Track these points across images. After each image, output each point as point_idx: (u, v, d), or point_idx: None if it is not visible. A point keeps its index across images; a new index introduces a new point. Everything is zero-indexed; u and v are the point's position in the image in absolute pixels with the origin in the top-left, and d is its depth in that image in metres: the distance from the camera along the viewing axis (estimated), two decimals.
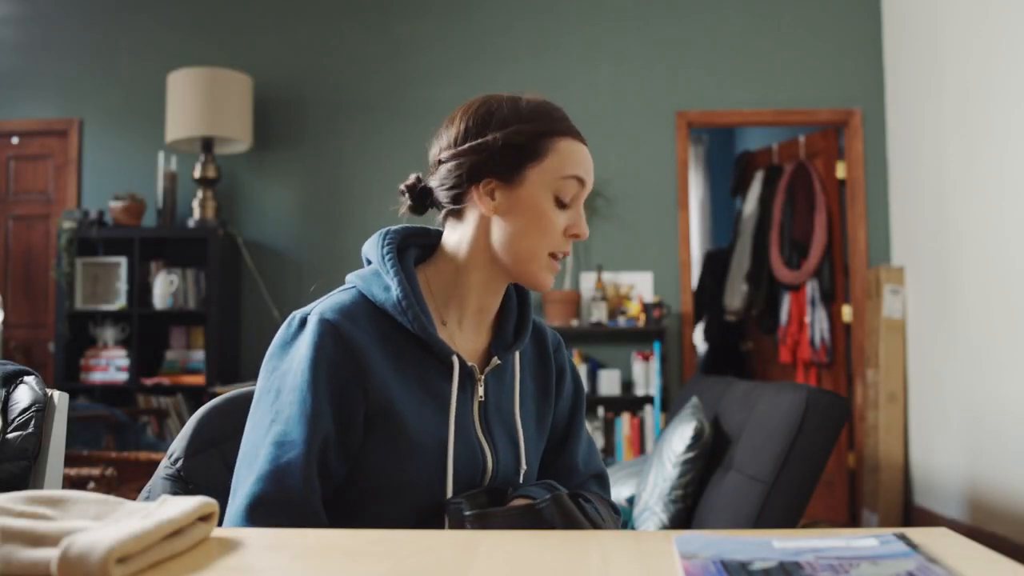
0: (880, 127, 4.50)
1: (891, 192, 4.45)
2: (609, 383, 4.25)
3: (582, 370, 4.26)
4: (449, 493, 1.05)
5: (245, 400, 1.22)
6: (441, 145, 1.12)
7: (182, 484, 1.16)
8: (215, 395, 1.25)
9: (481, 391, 1.12)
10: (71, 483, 2.94)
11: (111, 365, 4.25)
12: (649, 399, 4.22)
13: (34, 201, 4.67)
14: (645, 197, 4.49)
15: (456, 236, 1.13)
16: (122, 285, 4.30)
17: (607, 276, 4.44)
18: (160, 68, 4.46)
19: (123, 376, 4.23)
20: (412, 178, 1.17)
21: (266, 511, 0.96)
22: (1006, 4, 3.31)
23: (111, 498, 0.80)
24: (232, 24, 4.66)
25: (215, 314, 4.20)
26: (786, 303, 4.87)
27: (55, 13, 4.69)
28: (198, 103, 4.15)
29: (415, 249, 1.15)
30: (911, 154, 4.22)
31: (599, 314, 4.26)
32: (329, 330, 1.02)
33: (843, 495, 4.49)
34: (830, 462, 3.31)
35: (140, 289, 4.29)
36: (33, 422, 1.23)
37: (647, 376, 4.25)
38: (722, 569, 0.68)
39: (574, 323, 4.28)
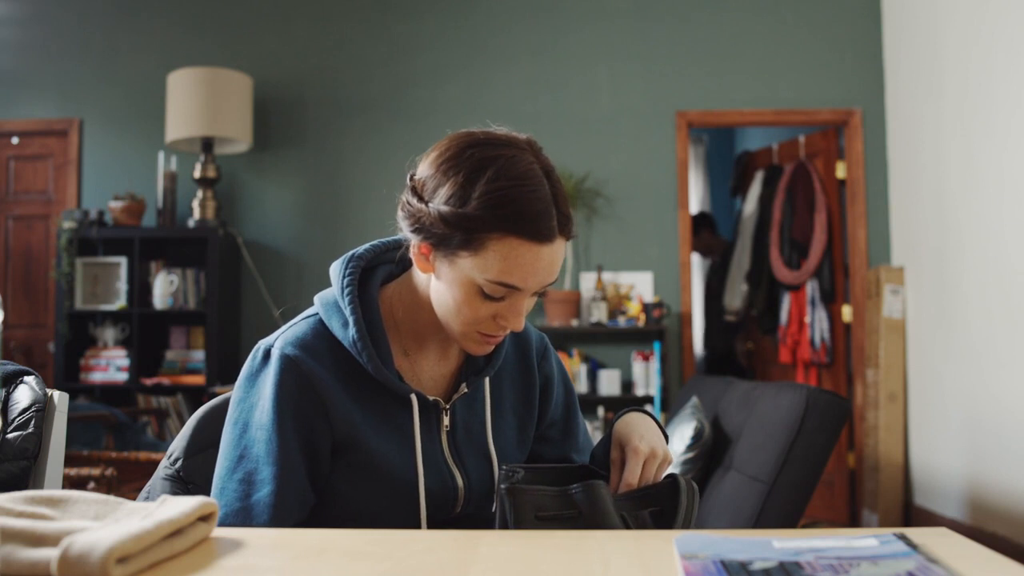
0: (880, 127, 4.50)
1: (891, 192, 4.46)
2: (609, 383, 4.25)
3: (582, 370, 4.26)
4: (423, 523, 1.05)
5: None
6: (412, 173, 1.04)
7: (182, 484, 1.16)
8: (215, 395, 1.25)
9: (447, 421, 1.10)
10: (71, 483, 2.94)
11: (111, 365, 4.25)
12: (649, 399, 4.22)
13: (34, 201, 4.67)
14: (645, 197, 4.49)
15: (414, 274, 1.10)
16: (122, 285, 4.30)
17: (607, 276, 4.44)
18: (160, 68, 4.46)
19: (123, 376, 4.23)
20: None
21: None
22: (1006, 4, 3.31)
23: (111, 498, 0.80)
24: (232, 24, 4.66)
25: (215, 314, 4.20)
26: (786, 303, 4.87)
27: (55, 13, 4.69)
28: (198, 103, 4.15)
29: (387, 267, 1.12)
30: (911, 154, 4.22)
31: (599, 314, 4.26)
32: (290, 367, 1.02)
33: (843, 495, 4.49)
34: (830, 462, 3.31)
35: (140, 289, 4.29)
36: (33, 422, 1.23)
37: (647, 376, 4.26)
38: (722, 569, 0.68)
39: (574, 323, 4.28)
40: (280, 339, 1.06)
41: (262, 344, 1.07)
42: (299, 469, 1.02)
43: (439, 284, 1.03)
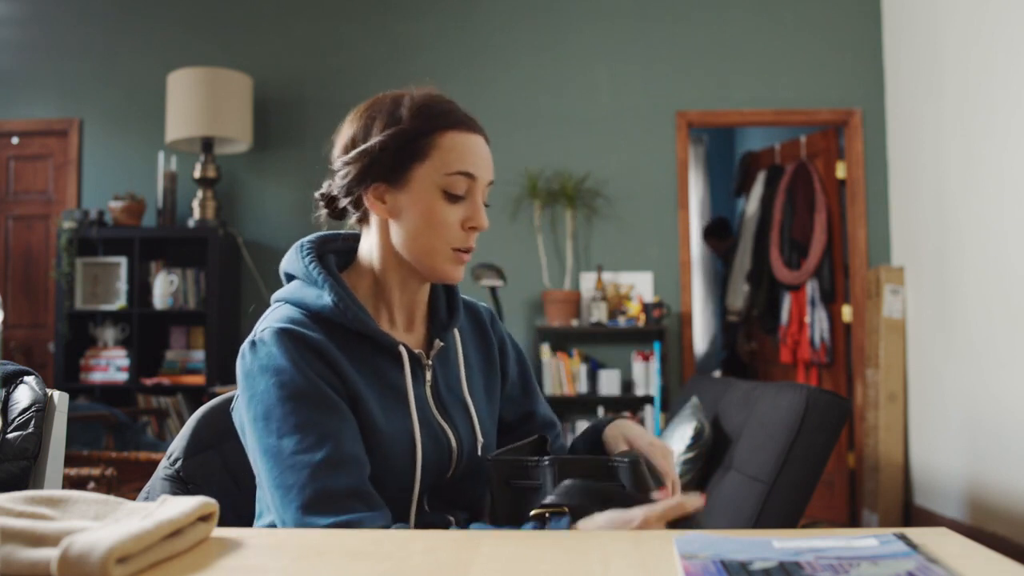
0: (880, 127, 4.50)
1: (891, 192, 4.46)
2: (609, 383, 4.25)
3: (582, 370, 4.27)
4: (417, 482, 1.06)
5: None
6: (335, 153, 1.13)
7: (181, 484, 1.16)
8: (215, 395, 1.25)
9: (429, 376, 1.13)
10: (71, 483, 2.94)
11: (111, 365, 4.25)
12: (649, 399, 4.22)
13: (34, 201, 4.67)
14: (645, 197, 4.49)
15: (368, 242, 1.13)
16: (122, 285, 4.30)
17: (607, 276, 4.44)
18: (160, 68, 4.46)
19: (123, 376, 4.23)
20: (325, 186, 1.17)
21: (322, 505, 0.96)
22: (1006, 4, 3.31)
23: (111, 498, 0.80)
24: (232, 24, 4.66)
25: (215, 314, 4.20)
26: (786, 303, 4.87)
27: (55, 13, 4.69)
28: (198, 103, 4.15)
29: (332, 255, 1.16)
30: (911, 154, 4.22)
31: (599, 314, 4.26)
32: (286, 335, 1.03)
33: (843, 495, 4.49)
34: (830, 462, 3.31)
35: (140, 289, 4.29)
36: (33, 422, 1.23)
37: (647, 376, 4.26)
38: (722, 569, 0.68)
39: (574, 323, 4.28)
40: (260, 329, 1.06)
41: (244, 344, 1.07)
42: (340, 424, 1.01)
43: (402, 219, 1.08)
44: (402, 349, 1.09)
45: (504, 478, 1.06)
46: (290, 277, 1.14)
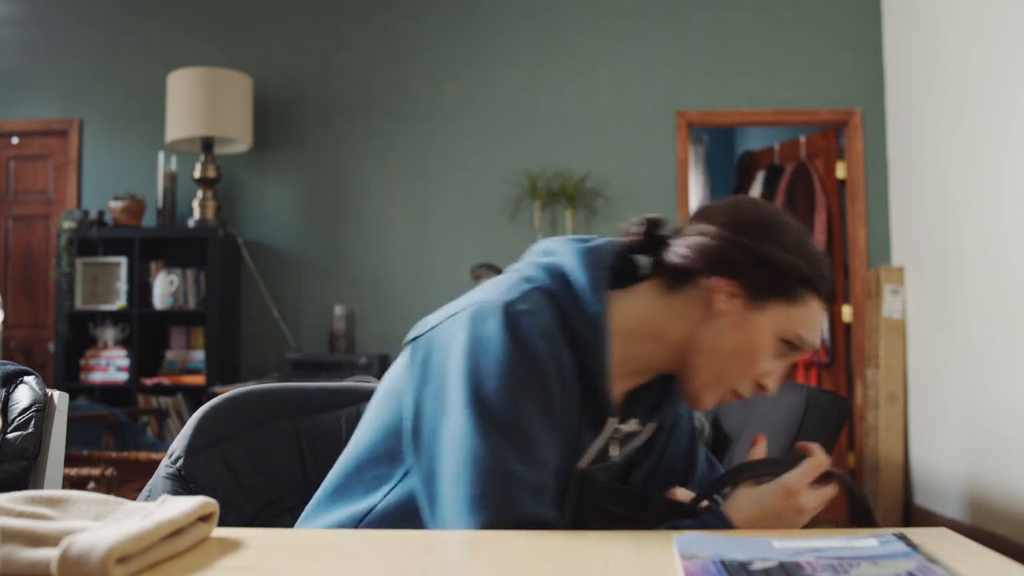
0: (880, 127, 4.50)
1: (891, 192, 4.45)
2: None
3: None
4: None
5: (246, 399, 1.23)
6: (710, 213, 1.00)
7: (183, 483, 1.16)
8: (215, 395, 1.25)
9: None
10: (71, 483, 2.94)
11: (111, 365, 4.25)
12: None
13: (34, 201, 4.67)
14: (645, 197, 4.48)
15: (657, 301, 1.01)
16: (122, 285, 4.30)
17: None
18: (160, 68, 4.46)
19: (123, 376, 4.23)
20: (655, 216, 1.05)
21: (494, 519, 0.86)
22: (1006, 4, 3.31)
23: (111, 498, 0.80)
24: (232, 24, 4.66)
25: (215, 314, 4.20)
26: None
27: (55, 13, 4.69)
28: (198, 103, 4.15)
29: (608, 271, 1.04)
30: (911, 154, 4.22)
31: None
32: (554, 335, 0.93)
33: (843, 495, 4.48)
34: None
35: (140, 289, 4.29)
36: (33, 422, 1.23)
37: None
38: (722, 569, 0.68)
39: None
40: (524, 306, 0.93)
41: (498, 302, 0.93)
42: (555, 453, 0.92)
43: (727, 328, 0.97)
44: (612, 422, 1.00)
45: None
46: (551, 266, 0.99)
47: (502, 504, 0.85)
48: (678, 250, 0.99)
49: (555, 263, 0.99)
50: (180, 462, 1.17)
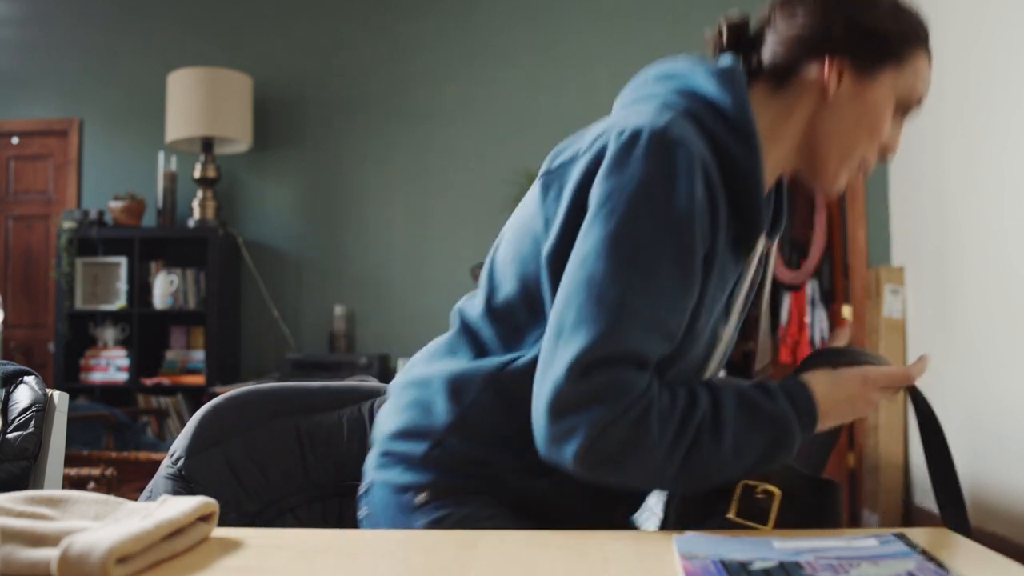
0: None
1: (891, 192, 4.45)
2: None
3: None
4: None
5: (247, 399, 1.23)
6: (792, 3, 0.99)
7: (184, 483, 1.16)
8: (215, 395, 1.25)
9: (750, 274, 1.01)
10: (71, 483, 2.94)
11: (111, 365, 4.25)
12: None
13: (34, 201, 4.67)
14: None
15: (771, 102, 0.99)
16: (122, 285, 4.30)
17: None
18: (160, 68, 4.46)
19: (123, 376, 4.23)
20: (737, 14, 1.05)
21: (596, 378, 0.81)
22: (1006, 4, 3.31)
23: (111, 498, 0.80)
24: (232, 24, 4.66)
25: (215, 314, 4.20)
26: (786, 303, 4.87)
27: (55, 13, 4.69)
28: (198, 103, 4.15)
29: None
30: (911, 154, 4.22)
31: None
32: (705, 165, 0.88)
33: (843, 495, 4.48)
34: (830, 462, 3.31)
35: (140, 289, 4.29)
36: (33, 422, 1.23)
37: None
38: (722, 569, 0.68)
39: None
40: (677, 142, 0.87)
41: (648, 127, 0.88)
42: (689, 295, 0.88)
43: (845, 109, 0.96)
44: (763, 239, 0.98)
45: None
46: (685, 89, 0.96)
47: (604, 332, 0.81)
48: (775, 48, 0.99)
49: (690, 86, 0.96)
50: (181, 462, 1.17)
